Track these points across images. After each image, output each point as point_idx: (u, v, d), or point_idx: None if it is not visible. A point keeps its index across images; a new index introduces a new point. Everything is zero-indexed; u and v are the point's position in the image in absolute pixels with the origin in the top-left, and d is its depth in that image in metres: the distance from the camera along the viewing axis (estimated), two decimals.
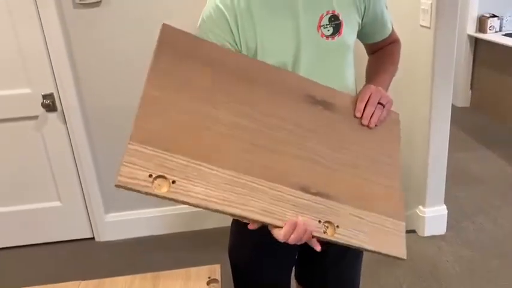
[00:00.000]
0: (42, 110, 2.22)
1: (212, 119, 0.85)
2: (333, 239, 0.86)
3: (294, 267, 1.28)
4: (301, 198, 0.86)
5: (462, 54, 4.01)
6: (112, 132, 2.32)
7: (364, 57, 1.22)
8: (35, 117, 2.25)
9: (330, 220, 0.86)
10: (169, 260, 2.27)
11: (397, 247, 0.91)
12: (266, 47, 0.96)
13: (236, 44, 0.96)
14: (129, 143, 0.79)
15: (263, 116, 0.90)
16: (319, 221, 0.86)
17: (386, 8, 1.09)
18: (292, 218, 0.83)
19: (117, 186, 0.75)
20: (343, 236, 0.87)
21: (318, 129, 0.94)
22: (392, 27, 1.14)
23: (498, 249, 2.19)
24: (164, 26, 0.89)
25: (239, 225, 1.15)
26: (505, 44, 3.55)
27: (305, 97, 0.96)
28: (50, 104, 2.20)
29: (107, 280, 1.10)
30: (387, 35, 1.12)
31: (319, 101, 0.97)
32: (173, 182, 0.78)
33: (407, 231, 2.34)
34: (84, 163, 2.34)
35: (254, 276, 1.18)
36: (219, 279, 1.05)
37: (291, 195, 0.85)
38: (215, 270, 1.08)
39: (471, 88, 4.17)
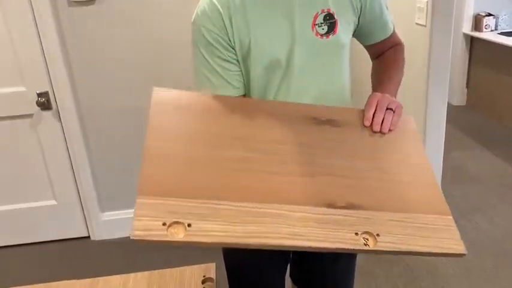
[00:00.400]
0: (37, 108, 2.21)
1: (217, 160, 0.84)
2: (378, 249, 0.79)
3: (289, 267, 1.28)
4: (329, 214, 0.81)
5: (458, 53, 4.01)
6: (107, 130, 2.31)
7: (362, 57, 1.22)
8: (30, 116, 2.24)
9: (368, 230, 0.80)
10: (165, 259, 2.26)
11: (452, 243, 0.83)
12: (259, 44, 0.96)
13: (229, 40, 0.96)
14: (137, 198, 0.77)
15: (269, 144, 0.89)
16: (356, 234, 0.79)
17: (387, 8, 1.08)
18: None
19: (135, 240, 0.73)
20: (387, 243, 0.79)
21: (325, 145, 0.92)
22: (394, 29, 1.13)
23: (494, 248, 2.20)
24: (155, 90, 0.93)
25: None
26: (501, 42, 3.56)
27: (309, 120, 0.95)
28: (44, 102, 2.19)
29: (101, 279, 1.10)
30: (387, 36, 1.11)
31: (324, 120, 0.95)
32: (189, 225, 0.76)
33: None
34: (80, 162, 2.33)
35: (250, 278, 1.17)
36: (214, 278, 1.05)
37: (317, 213, 0.80)
38: (210, 269, 1.07)
39: (467, 87, 4.18)
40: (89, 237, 2.52)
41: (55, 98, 2.20)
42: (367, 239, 0.78)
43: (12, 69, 2.14)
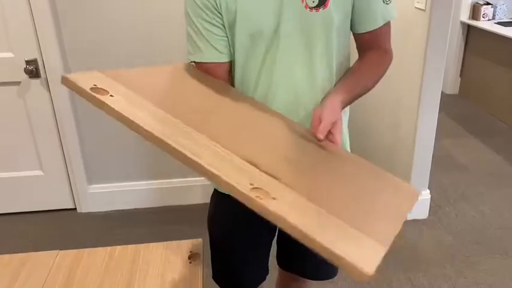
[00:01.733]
0: (25, 76, 2.16)
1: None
2: (269, 207, 0.65)
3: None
4: (243, 166, 0.74)
5: (454, 41, 4.00)
6: None
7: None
8: (17, 83, 2.19)
9: (267, 190, 0.70)
10: (152, 234, 2.26)
11: (365, 259, 0.64)
12: (246, 11, 0.94)
13: (216, 4, 0.94)
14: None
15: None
16: (251, 184, 0.70)
17: (386, 3, 1.01)
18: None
19: (63, 80, 0.79)
20: (281, 209, 0.66)
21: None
22: (386, 38, 1.06)
23: (478, 236, 2.23)
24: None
25: (218, 196, 1.14)
26: (497, 32, 3.55)
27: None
28: (33, 70, 2.13)
29: (86, 250, 1.08)
30: (373, 28, 1.02)
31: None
32: (111, 96, 0.80)
33: None
34: (67, 132, 2.29)
35: (229, 247, 1.14)
36: (201, 254, 1.04)
37: (234, 159, 0.75)
38: (197, 244, 1.07)
39: (460, 75, 4.18)
40: (75, 209, 2.50)
41: (44, 66, 2.15)
42: (260, 196, 0.68)
43: (0, 34, 2.08)
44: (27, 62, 2.12)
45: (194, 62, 1.02)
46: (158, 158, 2.40)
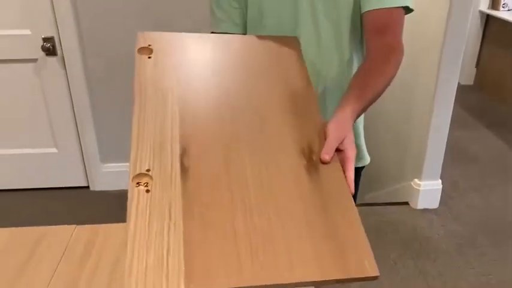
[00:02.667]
0: (42, 53, 2.17)
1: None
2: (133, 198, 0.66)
3: None
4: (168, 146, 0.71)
5: (472, 31, 3.93)
6: (112, 81, 2.28)
7: None
8: (34, 60, 2.21)
9: (153, 182, 0.67)
10: None
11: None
12: None
13: None
14: None
15: None
16: (147, 170, 0.68)
17: None
18: None
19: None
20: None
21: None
22: (397, 30, 0.98)
23: (487, 227, 2.23)
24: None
25: None
26: None
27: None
28: (50, 48, 2.15)
29: (102, 226, 1.10)
30: (378, 7, 0.95)
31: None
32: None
33: (400, 203, 2.38)
34: (82, 111, 2.31)
35: None
36: None
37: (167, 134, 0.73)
38: None
39: (476, 66, 4.12)
40: (88, 187, 2.53)
41: (61, 44, 2.16)
42: (142, 183, 0.66)
43: (18, 11, 2.09)
44: (44, 40, 2.13)
45: (212, 32, 1.07)
46: None
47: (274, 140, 0.77)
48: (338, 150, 0.78)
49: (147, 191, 0.65)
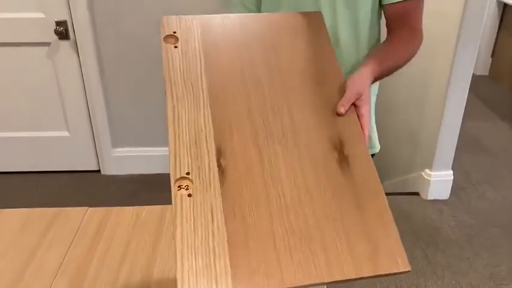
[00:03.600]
0: (55, 37, 2.18)
1: None
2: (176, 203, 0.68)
3: None
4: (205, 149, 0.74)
5: (488, 20, 3.86)
6: (125, 66, 2.28)
7: None
8: (47, 44, 2.21)
9: (193, 184, 0.69)
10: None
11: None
12: None
13: None
14: None
15: None
16: (187, 173, 0.70)
17: None
18: None
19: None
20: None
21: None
22: (417, 16, 1.01)
23: (498, 218, 2.21)
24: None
25: None
26: None
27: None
28: (63, 32, 2.15)
29: (114, 209, 1.11)
30: (396, 1, 0.98)
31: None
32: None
33: (410, 193, 2.37)
34: (94, 96, 2.32)
35: None
36: None
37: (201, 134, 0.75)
38: None
39: (492, 56, 4.06)
40: (99, 171, 2.55)
41: (73, 28, 2.17)
42: (183, 186, 0.69)
43: None
44: (57, 23, 2.14)
45: None
46: None
47: (306, 133, 0.78)
48: (355, 106, 0.80)
49: (189, 195, 0.68)
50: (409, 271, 0.66)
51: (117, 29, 2.19)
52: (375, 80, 0.91)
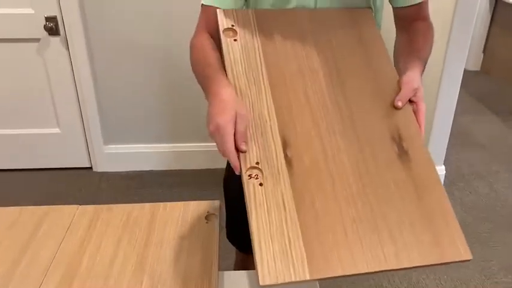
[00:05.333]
0: (44, 33, 2.15)
1: None
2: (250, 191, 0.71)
3: None
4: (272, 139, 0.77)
5: (480, 16, 3.87)
6: (116, 62, 2.26)
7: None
8: (37, 40, 2.19)
9: (263, 174, 0.72)
10: (167, 196, 2.29)
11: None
12: None
13: None
14: None
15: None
16: (257, 163, 0.73)
17: None
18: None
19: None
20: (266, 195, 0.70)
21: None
22: (427, 8, 1.03)
23: (490, 213, 2.22)
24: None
25: None
26: None
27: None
28: (52, 28, 2.13)
29: (105, 207, 1.10)
30: (415, 2, 1.00)
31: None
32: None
33: None
34: (86, 92, 2.30)
35: (243, 208, 1.15)
36: (218, 215, 1.05)
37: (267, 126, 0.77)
38: (215, 205, 1.08)
39: (483, 52, 4.07)
40: (91, 168, 2.54)
41: (63, 23, 2.14)
42: (253, 175, 0.72)
43: None
44: (47, 19, 2.11)
45: (203, 4, 0.97)
46: (175, 121, 2.41)
47: (365, 126, 0.81)
48: (411, 102, 0.84)
49: (260, 184, 0.71)
50: (470, 259, 0.69)
51: (108, 25, 2.17)
52: (421, 74, 0.93)
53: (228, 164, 1.18)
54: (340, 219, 0.69)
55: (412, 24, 1.03)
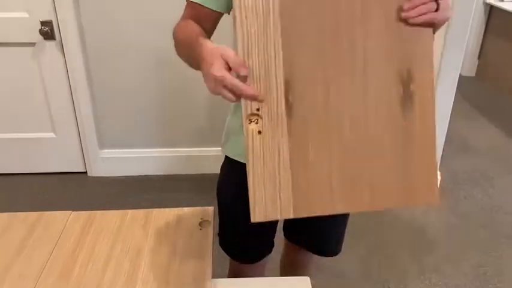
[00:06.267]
0: (40, 37, 2.15)
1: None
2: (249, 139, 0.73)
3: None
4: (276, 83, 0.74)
5: (475, 22, 3.90)
6: (111, 66, 2.26)
7: None
8: (32, 44, 2.18)
9: (262, 121, 0.74)
10: (162, 201, 2.29)
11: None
12: None
13: None
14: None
15: None
16: (257, 109, 0.73)
17: None
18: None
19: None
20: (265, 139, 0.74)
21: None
22: None
23: (485, 219, 2.23)
24: None
25: (228, 164, 1.13)
26: None
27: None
28: (48, 32, 2.12)
29: (98, 213, 1.10)
30: None
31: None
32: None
33: None
34: (81, 97, 2.30)
35: (236, 215, 1.12)
36: (211, 221, 1.05)
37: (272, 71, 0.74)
38: (208, 212, 1.08)
39: (479, 58, 4.10)
40: (86, 172, 2.53)
41: (59, 28, 2.14)
42: (253, 119, 0.74)
43: None
44: (42, 23, 2.11)
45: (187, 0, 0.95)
46: (170, 126, 2.41)
47: (375, 65, 0.77)
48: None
49: (259, 132, 0.74)
50: (438, 204, 0.80)
51: (103, 30, 2.17)
52: None
53: (222, 168, 1.18)
54: (328, 170, 0.76)
55: None
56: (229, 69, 0.71)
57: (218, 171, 1.17)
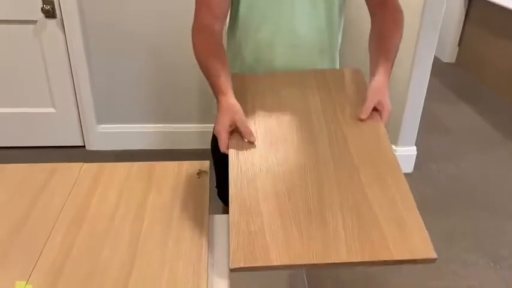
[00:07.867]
0: (41, 15, 2.25)
1: None
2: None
3: None
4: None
5: (455, 9, 4.04)
6: (110, 44, 2.37)
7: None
8: (34, 22, 2.29)
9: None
10: None
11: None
12: None
13: None
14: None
15: None
16: None
17: None
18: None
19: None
20: None
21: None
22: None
23: (457, 189, 2.41)
24: None
25: None
26: (501, 4, 3.52)
27: None
28: (49, 10, 2.23)
29: (107, 165, 1.24)
30: None
31: None
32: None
33: None
34: (80, 73, 2.41)
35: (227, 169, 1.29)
36: (208, 172, 1.19)
37: None
38: (205, 164, 1.22)
39: (459, 45, 4.26)
40: (84, 146, 2.65)
41: (60, 6, 2.25)
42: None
43: None
44: (44, 2, 2.21)
45: None
46: (167, 101, 2.53)
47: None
48: (376, 110, 1.03)
49: None
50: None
51: (104, 8, 2.28)
52: (388, 76, 1.09)
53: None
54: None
55: (382, 14, 1.13)
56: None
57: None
